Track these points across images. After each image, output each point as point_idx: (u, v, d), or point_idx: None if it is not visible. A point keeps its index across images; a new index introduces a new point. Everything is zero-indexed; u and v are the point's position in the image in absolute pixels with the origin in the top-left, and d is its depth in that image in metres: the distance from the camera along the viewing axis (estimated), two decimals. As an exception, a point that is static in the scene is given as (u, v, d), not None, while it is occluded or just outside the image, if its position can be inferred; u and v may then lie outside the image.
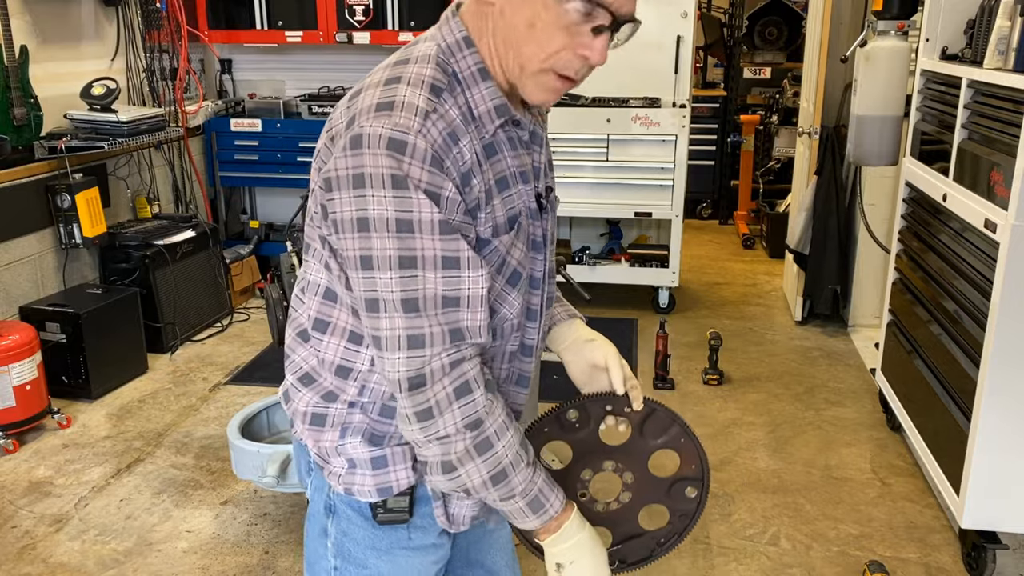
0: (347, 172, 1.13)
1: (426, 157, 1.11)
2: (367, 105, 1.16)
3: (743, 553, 2.70)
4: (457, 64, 1.20)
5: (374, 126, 1.12)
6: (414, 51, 1.23)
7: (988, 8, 2.66)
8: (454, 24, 1.22)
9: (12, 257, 3.84)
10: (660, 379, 3.89)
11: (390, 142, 1.10)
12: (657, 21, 4.72)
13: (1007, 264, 2.31)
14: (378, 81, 1.21)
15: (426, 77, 1.17)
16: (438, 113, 1.14)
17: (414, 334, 1.15)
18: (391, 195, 1.11)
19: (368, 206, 1.12)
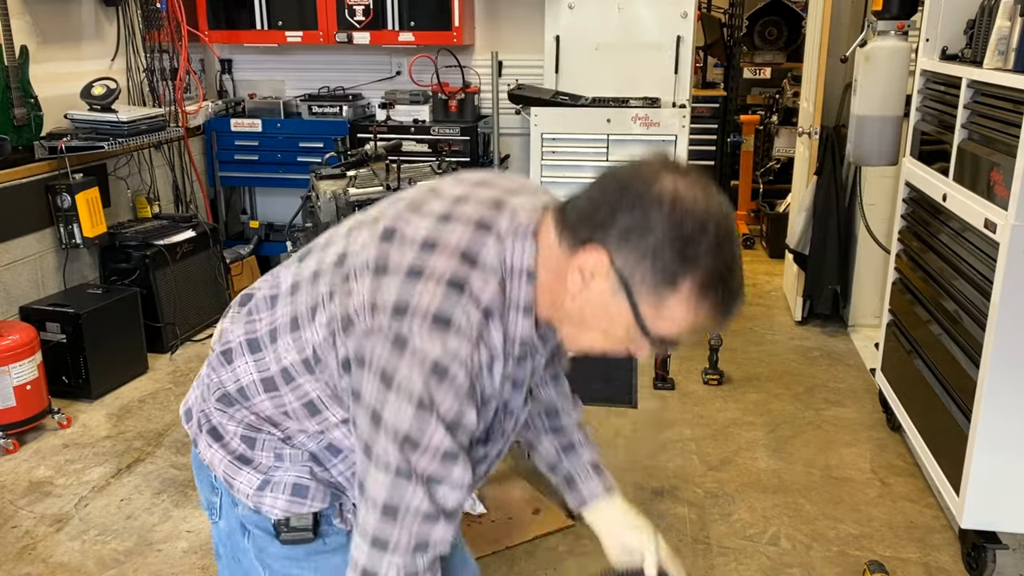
0: (379, 364, 1.12)
1: (460, 391, 1.11)
2: (422, 307, 1.11)
3: (743, 553, 2.70)
4: (513, 290, 1.17)
5: (425, 341, 1.10)
6: (477, 244, 1.16)
7: (988, 8, 2.66)
8: (528, 246, 1.17)
9: (12, 257, 3.84)
10: (660, 379, 3.89)
11: (435, 366, 1.10)
12: (657, 21, 4.72)
13: (1007, 264, 2.31)
14: (434, 272, 1.14)
15: (486, 297, 1.14)
16: (484, 342, 1.14)
17: (380, 537, 1.17)
18: (411, 414, 1.11)
19: (386, 410, 1.12)
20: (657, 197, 1.07)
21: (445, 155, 4.85)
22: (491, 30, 5.18)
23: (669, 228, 1.07)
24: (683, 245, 1.06)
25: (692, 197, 1.08)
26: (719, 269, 1.08)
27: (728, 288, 1.10)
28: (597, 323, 1.16)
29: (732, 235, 1.11)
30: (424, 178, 2.76)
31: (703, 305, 1.10)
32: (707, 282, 1.08)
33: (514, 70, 5.13)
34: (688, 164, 1.15)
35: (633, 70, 4.79)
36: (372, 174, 2.81)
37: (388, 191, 2.65)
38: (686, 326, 1.13)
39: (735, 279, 1.11)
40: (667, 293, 1.09)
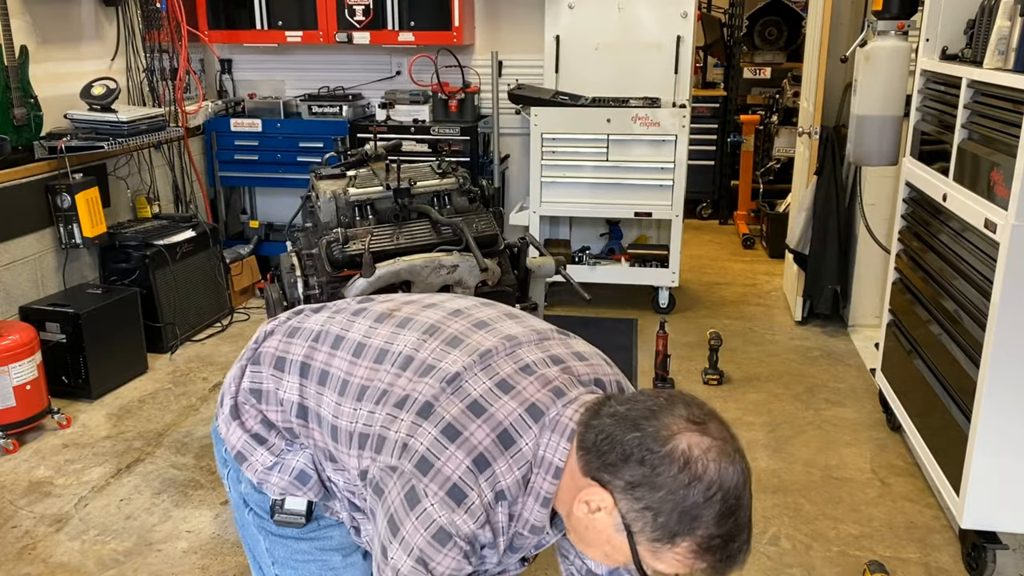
0: (391, 508, 1.18)
1: (458, 557, 1.17)
2: (443, 474, 1.16)
3: (743, 553, 2.70)
4: (537, 481, 1.21)
5: (435, 508, 1.16)
6: (520, 429, 1.20)
7: (988, 8, 2.66)
8: (563, 445, 1.20)
9: (12, 257, 3.84)
10: (660, 379, 3.89)
11: (438, 532, 1.15)
12: (657, 21, 4.73)
13: (1007, 264, 2.31)
14: (467, 441, 1.18)
15: (505, 483, 1.18)
16: (490, 522, 1.19)
17: None
18: (410, 566, 1.16)
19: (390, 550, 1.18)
20: (669, 455, 1.10)
21: (445, 155, 4.85)
22: (491, 30, 5.18)
23: (675, 490, 1.09)
24: (686, 510, 1.09)
25: (704, 462, 1.10)
26: (719, 537, 1.11)
27: (727, 553, 1.13)
28: (599, 546, 1.20)
29: (741, 504, 1.15)
30: (424, 178, 2.75)
31: (699, 562, 1.13)
32: (705, 546, 1.11)
33: (514, 70, 5.13)
34: (711, 411, 1.16)
35: (633, 70, 4.79)
36: (372, 174, 2.81)
37: (388, 191, 2.64)
38: (683, 572, 1.16)
39: (736, 545, 1.14)
40: (665, 547, 1.12)
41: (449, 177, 2.77)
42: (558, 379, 1.27)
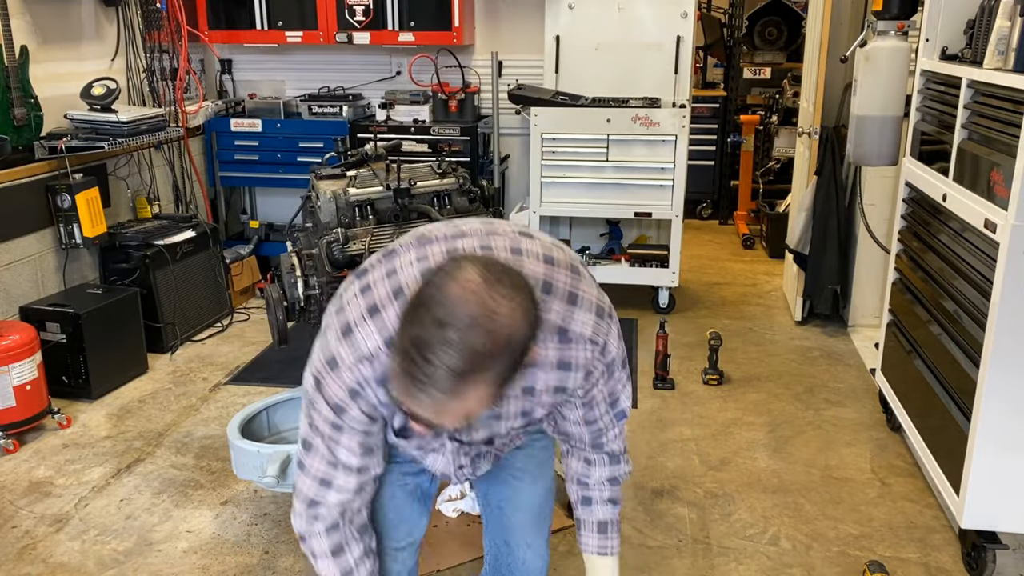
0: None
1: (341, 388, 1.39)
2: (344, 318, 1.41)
3: (743, 553, 2.70)
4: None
5: (330, 339, 1.40)
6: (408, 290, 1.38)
7: (988, 8, 2.66)
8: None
9: (12, 257, 3.84)
10: (660, 379, 3.89)
11: (330, 358, 1.39)
12: (657, 21, 4.73)
13: (1007, 264, 2.31)
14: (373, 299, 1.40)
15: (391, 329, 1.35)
16: (372, 358, 1.36)
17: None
18: (310, 383, 1.47)
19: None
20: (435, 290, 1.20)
21: (445, 155, 4.85)
22: (491, 30, 5.18)
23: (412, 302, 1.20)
24: (404, 315, 1.19)
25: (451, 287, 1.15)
26: (416, 340, 1.14)
27: (417, 362, 1.14)
28: None
29: (451, 322, 1.12)
30: (424, 178, 2.75)
31: (397, 372, 1.18)
32: (401, 353, 1.17)
33: (514, 70, 5.13)
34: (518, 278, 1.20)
35: (633, 70, 4.79)
36: (372, 174, 2.81)
37: (388, 191, 2.64)
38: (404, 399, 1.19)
39: (431, 360, 1.13)
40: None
41: (449, 177, 2.77)
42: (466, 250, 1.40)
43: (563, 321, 1.38)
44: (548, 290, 1.36)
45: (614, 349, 1.46)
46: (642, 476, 3.14)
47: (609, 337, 1.44)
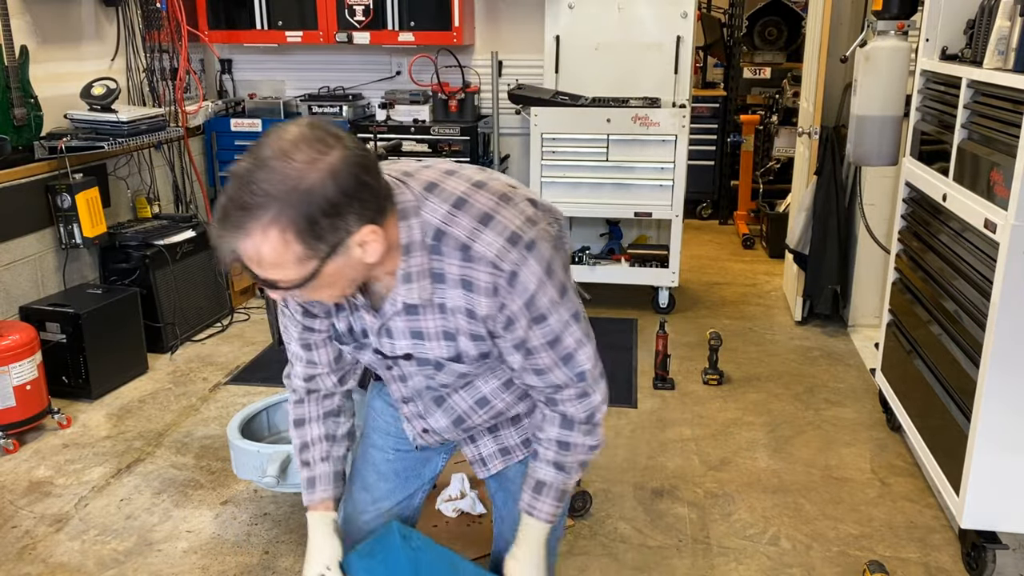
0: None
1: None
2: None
3: (743, 553, 2.70)
4: None
5: None
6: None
7: (988, 8, 2.66)
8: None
9: (12, 257, 3.84)
10: (660, 379, 3.89)
11: None
12: (657, 21, 4.73)
13: (1007, 264, 2.31)
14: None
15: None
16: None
17: None
18: None
19: None
20: None
21: (445, 155, 4.85)
22: (491, 30, 5.18)
23: None
24: None
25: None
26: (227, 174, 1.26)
27: (218, 194, 1.28)
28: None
29: (250, 156, 1.23)
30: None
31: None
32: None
33: (514, 70, 5.13)
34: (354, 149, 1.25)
35: (633, 70, 4.79)
36: (372, 174, 2.81)
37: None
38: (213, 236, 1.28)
39: (226, 190, 1.23)
40: None
41: (449, 177, 2.77)
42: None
43: (468, 238, 1.34)
44: (459, 205, 1.35)
45: (531, 284, 1.36)
46: (642, 476, 3.14)
47: (521, 268, 1.34)
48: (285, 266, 1.22)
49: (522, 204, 1.42)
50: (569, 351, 1.47)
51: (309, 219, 1.18)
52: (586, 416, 1.55)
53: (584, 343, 1.49)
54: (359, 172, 1.22)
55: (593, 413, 1.55)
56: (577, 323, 1.47)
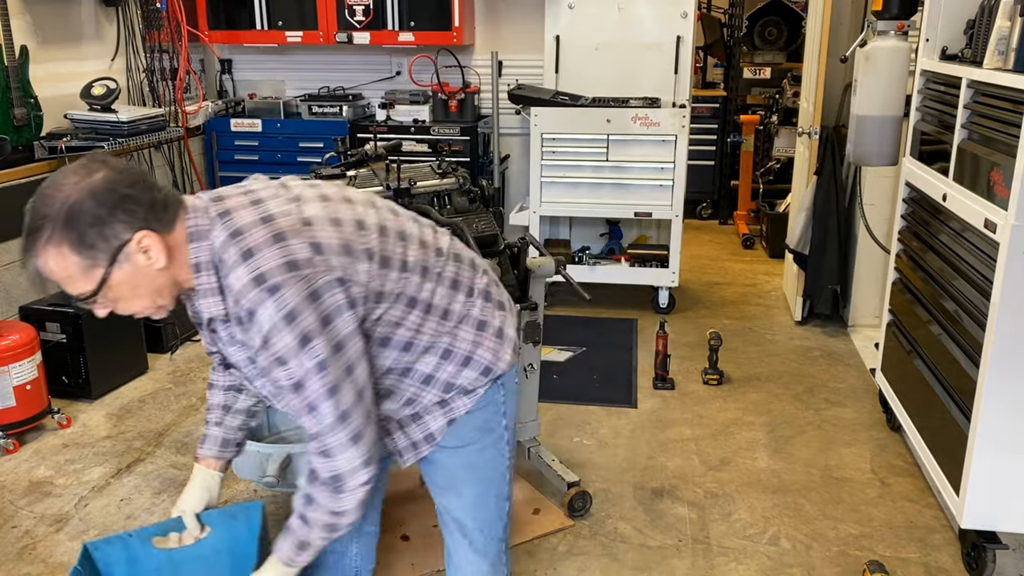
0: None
1: None
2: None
3: (743, 553, 2.70)
4: None
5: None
6: None
7: (988, 8, 2.66)
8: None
9: (12, 257, 3.84)
10: (660, 379, 3.89)
11: None
12: (657, 21, 4.73)
13: (1007, 264, 2.31)
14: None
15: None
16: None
17: None
18: None
19: None
20: None
21: (445, 155, 4.85)
22: (491, 30, 5.19)
23: None
24: None
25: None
26: None
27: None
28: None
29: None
30: (424, 178, 2.75)
31: None
32: None
33: (514, 70, 5.13)
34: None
35: (633, 70, 4.79)
36: (372, 174, 2.81)
37: (388, 191, 2.64)
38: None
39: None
40: None
41: (449, 177, 2.77)
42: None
43: (229, 268, 1.42)
44: (235, 236, 1.43)
45: (265, 325, 1.39)
46: (642, 476, 3.14)
47: (258, 307, 1.38)
48: (75, 278, 1.39)
49: (297, 244, 1.41)
50: (310, 401, 1.44)
51: (78, 232, 1.36)
52: (329, 477, 1.49)
53: (330, 398, 1.44)
54: (119, 187, 1.37)
55: (338, 476, 1.49)
56: (321, 374, 1.42)
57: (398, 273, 1.53)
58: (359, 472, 1.49)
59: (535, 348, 2.91)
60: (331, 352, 1.42)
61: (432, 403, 1.67)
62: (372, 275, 1.49)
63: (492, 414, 1.72)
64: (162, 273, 1.45)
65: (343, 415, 1.46)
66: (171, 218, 1.43)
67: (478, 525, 1.79)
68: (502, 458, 1.77)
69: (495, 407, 1.72)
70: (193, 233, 1.45)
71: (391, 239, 1.55)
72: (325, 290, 1.41)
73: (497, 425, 1.74)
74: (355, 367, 1.46)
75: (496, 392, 1.71)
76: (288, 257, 1.40)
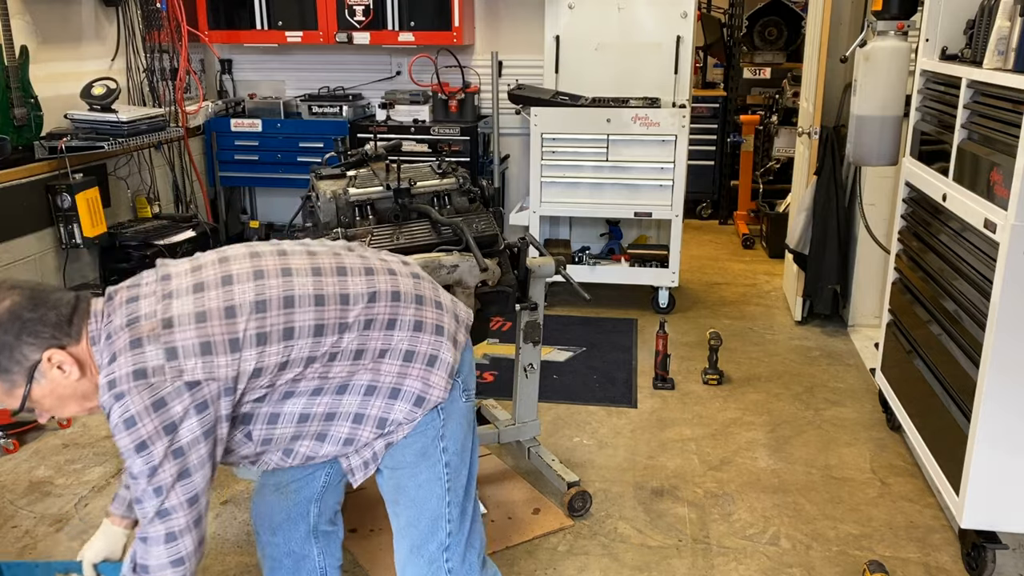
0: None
1: None
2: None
3: (743, 553, 2.70)
4: None
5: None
6: None
7: (988, 8, 2.66)
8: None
9: (12, 257, 3.84)
10: (660, 379, 3.89)
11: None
12: (657, 21, 4.73)
13: (1007, 264, 2.31)
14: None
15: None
16: None
17: None
18: None
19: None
20: None
21: (445, 155, 4.85)
22: (491, 30, 5.19)
23: None
24: None
25: None
26: None
27: None
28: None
29: None
30: (424, 178, 2.75)
31: None
32: None
33: (514, 70, 5.14)
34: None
35: (633, 70, 4.79)
36: (372, 174, 2.81)
37: (388, 191, 2.65)
38: None
39: None
40: None
41: (449, 177, 2.77)
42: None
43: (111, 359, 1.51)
44: (108, 338, 1.54)
45: (113, 422, 1.49)
46: (642, 476, 3.14)
47: (110, 408, 1.49)
48: (3, 398, 1.53)
49: (151, 351, 1.49)
50: (138, 494, 1.53)
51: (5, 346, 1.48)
52: (139, 564, 1.57)
53: (155, 497, 1.52)
54: (24, 313, 1.49)
55: (145, 567, 1.56)
56: (151, 476, 1.51)
57: (280, 345, 1.57)
58: (166, 571, 1.55)
59: (535, 348, 2.91)
60: (167, 458, 1.50)
61: (372, 438, 1.71)
62: (247, 359, 1.54)
63: (430, 440, 1.74)
64: (81, 382, 1.56)
65: (162, 512, 1.53)
66: (77, 331, 1.54)
67: (410, 544, 1.82)
68: (439, 482, 1.78)
69: (433, 432, 1.74)
70: (93, 337, 1.55)
71: (274, 312, 1.57)
72: (171, 398, 1.48)
73: (434, 451, 1.75)
74: (192, 472, 1.53)
75: (434, 418, 1.73)
76: (138, 366, 1.48)
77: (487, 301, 2.56)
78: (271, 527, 2.01)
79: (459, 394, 1.78)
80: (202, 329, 1.52)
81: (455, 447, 1.79)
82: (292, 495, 1.99)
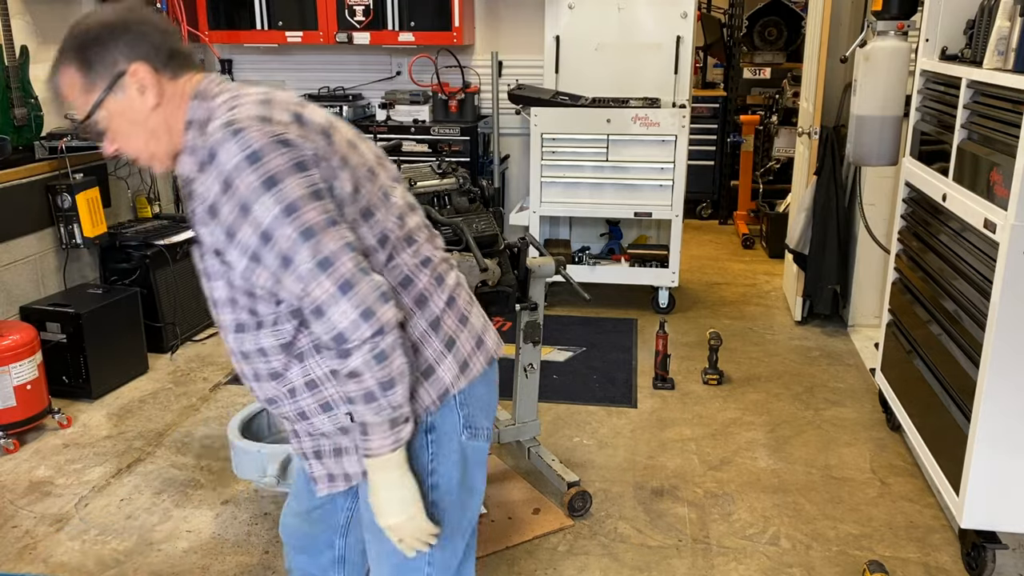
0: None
1: None
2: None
3: (743, 553, 2.70)
4: None
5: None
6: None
7: (988, 8, 2.66)
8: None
9: (13, 257, 3.85)
10: (660, 379, 3.89)
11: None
12: (657, 21, 4.73)
13: (1007, 264, 2.31)
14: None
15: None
16: None
17: None
18: None
19: None
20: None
21: (445, 155, 4.85)
22: (491, 30, 5.19)
23: None
24: None
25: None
26: None
27: None
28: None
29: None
30: (424, 178, 2.76)
31: None
32: None
33: (514, 70, 5.13)
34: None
35: (633, 70, 4.79)
36: (372, 174, 2.81)
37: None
38: None
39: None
40: None
41: (449, 177, 2.77)
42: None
43: (210, 118, 1.40)
44: (232, 100, 1.41)
45: (226, 162, 1.30)
46: (642, 476, 3.14)
47: (226, 146, 1.31)
48: (76, 97, 1.50)
49: (280, 111, 1.37)
50: (284, 251, 1.30)
51: (83, 49, 1.43)
52: (330, 339, 1.33)
53: (305, 241, 1.29)
54: (131, 22, 1.43)
55: (340, 334, 1.32)
56: (292, 216, 1.29)
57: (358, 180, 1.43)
58: (361, 326, 1.31)
59: (535, 348, 2.92)
60: (303, 197, 1.30)
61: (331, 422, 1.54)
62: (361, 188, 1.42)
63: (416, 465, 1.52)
64: (154, 114, 1.45)
65: (323, 261, 1.30)
66: (176, 67, 1.45)
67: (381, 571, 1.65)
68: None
69: (423, 456, 1.54)
70: (200, 92, 1.45)
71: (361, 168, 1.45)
72: (297, 142, 1.32)
73: (423, 481, 1.53)
74: (337, 221, 1.33)
75: (420, 438, 1.52)
76: (261, 112, 1.36)
77: (487, 301, 2.56)
78: (298, 546, 1.89)
79: (458, 424, 1.54)
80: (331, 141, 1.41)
81: (442, 481, 1.55)
82: (315, 523, 1.83)
